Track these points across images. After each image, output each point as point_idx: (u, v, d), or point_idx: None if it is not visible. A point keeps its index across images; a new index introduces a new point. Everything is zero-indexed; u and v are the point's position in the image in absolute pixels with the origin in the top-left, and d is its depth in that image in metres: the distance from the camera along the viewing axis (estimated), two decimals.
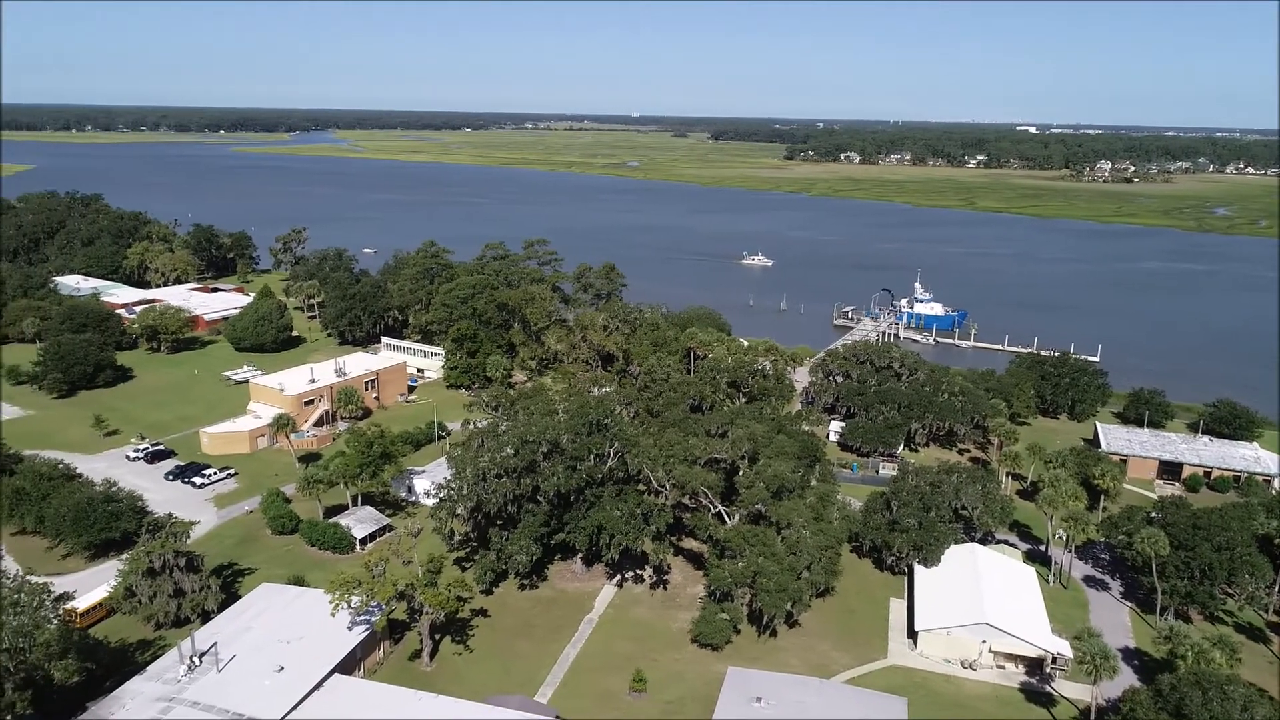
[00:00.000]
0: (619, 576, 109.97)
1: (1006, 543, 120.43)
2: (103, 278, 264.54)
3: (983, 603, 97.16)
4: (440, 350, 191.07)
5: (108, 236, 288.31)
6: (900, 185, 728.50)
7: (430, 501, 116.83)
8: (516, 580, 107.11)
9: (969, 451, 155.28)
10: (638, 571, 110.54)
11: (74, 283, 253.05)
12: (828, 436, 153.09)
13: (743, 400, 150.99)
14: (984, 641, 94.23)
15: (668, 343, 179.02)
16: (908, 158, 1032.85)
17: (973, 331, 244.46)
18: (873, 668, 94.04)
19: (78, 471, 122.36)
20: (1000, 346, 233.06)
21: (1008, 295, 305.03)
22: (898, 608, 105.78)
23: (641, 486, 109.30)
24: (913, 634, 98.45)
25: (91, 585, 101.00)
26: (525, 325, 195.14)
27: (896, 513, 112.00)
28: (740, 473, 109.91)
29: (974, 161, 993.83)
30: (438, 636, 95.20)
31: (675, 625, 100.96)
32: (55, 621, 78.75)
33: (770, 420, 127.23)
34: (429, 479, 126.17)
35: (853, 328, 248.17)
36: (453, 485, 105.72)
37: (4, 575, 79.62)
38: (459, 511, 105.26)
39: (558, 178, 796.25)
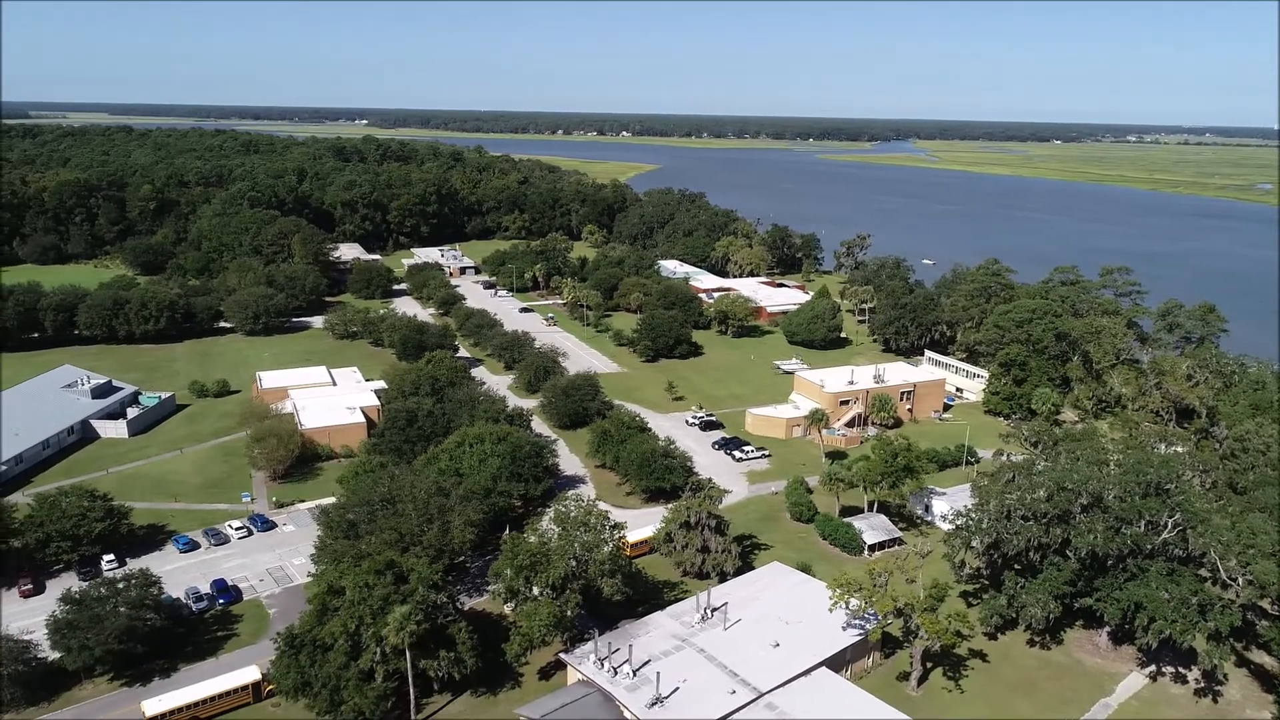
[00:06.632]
0: (1154, 667, 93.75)
1: None
2: (694, 264, 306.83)
3: None
4: (984, 372, 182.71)
5: (703, 229, 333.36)
6: None
7: (946, 526, 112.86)
8: (1026, 633, 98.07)
9: None
10: (1180, 669, 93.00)
11: (672, 266, 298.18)
12: None
13: None
14: None
15: (1274, 407, 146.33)
16: None
17: None
18: None
19: (648, 425, 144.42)
20: None
21: None
22: None
23: (1204, 572, 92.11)
24: None
25: (641, 523, 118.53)
26: (1086, 360, 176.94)
27: None
28: None
29: None
30: (929, 665, 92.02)
31: None
32: (610, 546, 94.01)
33: None
34: (948, 502, 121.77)
35: None
36: (973, 515, 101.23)
37: (582, 499, 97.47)
38: (974, 544, 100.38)
39: (1155, 198, 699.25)
